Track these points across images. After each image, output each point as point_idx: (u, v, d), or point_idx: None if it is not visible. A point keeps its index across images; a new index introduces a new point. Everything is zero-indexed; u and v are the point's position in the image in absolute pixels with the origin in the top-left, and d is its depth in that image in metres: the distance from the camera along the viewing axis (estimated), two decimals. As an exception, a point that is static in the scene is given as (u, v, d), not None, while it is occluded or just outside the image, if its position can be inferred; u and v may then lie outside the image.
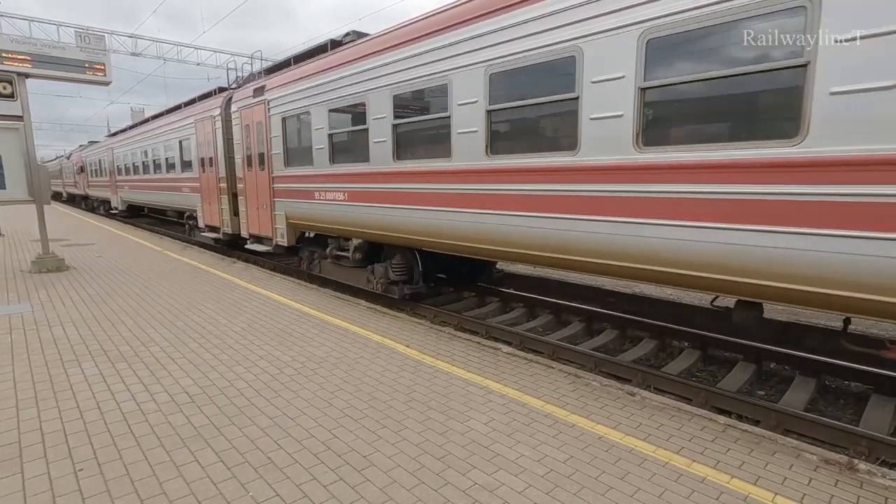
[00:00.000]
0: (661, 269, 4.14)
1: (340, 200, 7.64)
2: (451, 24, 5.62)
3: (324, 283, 8.95)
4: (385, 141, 6.62)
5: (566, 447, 3.22)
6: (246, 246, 10.89)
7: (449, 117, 5.68)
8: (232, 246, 12.55)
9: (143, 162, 17.03)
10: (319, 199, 8.09)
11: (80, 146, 32.47)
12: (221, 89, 12.24)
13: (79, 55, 8.80)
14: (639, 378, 4.95)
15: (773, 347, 5.28)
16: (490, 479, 2.85)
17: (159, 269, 9.38)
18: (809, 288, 3.42)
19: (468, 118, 5.48)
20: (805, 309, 3.65)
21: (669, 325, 6.05)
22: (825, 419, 4.02)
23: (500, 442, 3.27)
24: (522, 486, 2.79)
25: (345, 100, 7.32)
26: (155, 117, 17.10)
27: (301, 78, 8.34)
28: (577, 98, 4.51)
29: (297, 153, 8.65)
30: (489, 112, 5.30)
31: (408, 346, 5.13)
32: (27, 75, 8.42)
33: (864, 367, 4.73)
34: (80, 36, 8.97)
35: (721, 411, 4.24)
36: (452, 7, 5.74)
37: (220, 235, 12.17)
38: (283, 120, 8.87)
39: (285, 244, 9.33)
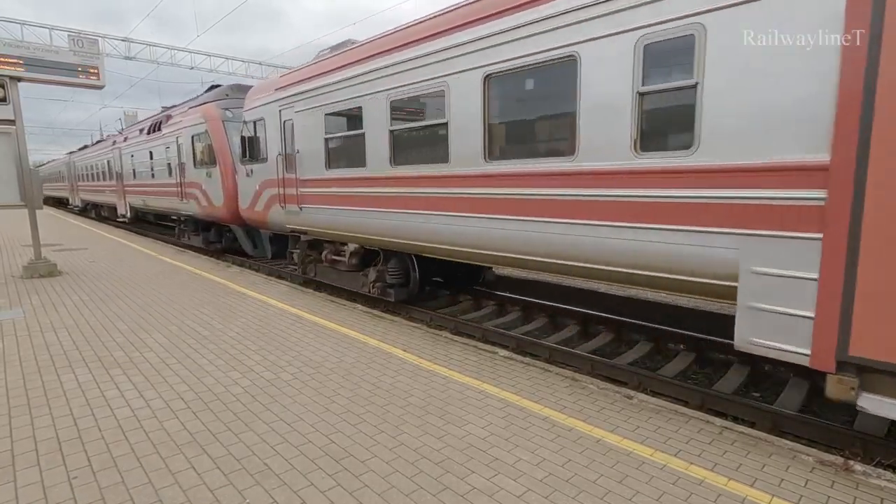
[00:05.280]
0: None
1: None
2: None
3: (319, 287, 8.92)
4: None
5: (564, 451, 3.22)
6: None
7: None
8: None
9: None
10: None
11: (171, 108, 14.79)
12: None
13: (72, 59, 8.75)
14: (635, 381, 4.96)
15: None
16: (488, 484, 2.85)
17: (153, 274, 9.32)
18: None
19: None
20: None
21: (664, 328, 6.08)
22: (820, 420, 4.05)
23: (498, 446, 3.26)
24: (521, 490, 2.78)
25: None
26: None
27: None
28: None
29: None
30: None
31: (405, 350, 5.12)
32: (19, 79, 8.36)
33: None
34: (74, 40, 8.92)
35: (717, 413, 4.26)
36: None
37: None
38: None
39: None
